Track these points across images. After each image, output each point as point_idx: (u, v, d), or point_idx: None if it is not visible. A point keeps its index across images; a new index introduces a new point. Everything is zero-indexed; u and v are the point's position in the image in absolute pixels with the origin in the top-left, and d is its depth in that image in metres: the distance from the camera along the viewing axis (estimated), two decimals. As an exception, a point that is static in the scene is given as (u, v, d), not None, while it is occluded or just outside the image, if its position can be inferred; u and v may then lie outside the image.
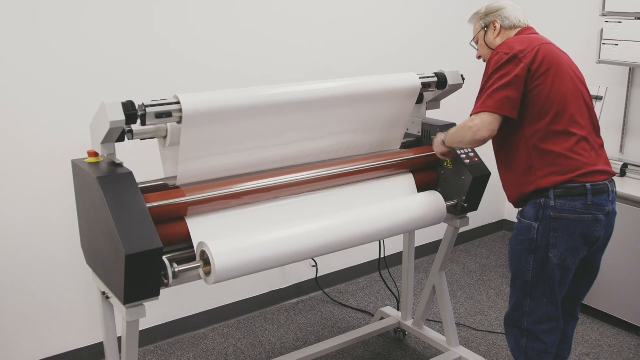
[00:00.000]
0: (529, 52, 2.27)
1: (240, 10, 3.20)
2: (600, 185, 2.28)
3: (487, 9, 2.54)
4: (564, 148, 2.26)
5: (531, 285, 2.37)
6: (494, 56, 2.32)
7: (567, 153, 2.26)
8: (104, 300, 2.19)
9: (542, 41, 2.35)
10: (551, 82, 2.28)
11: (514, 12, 2.50)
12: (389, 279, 3.94)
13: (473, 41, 2.60)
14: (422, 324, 3.20)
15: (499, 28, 2.49)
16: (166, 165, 2.24)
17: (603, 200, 2.29)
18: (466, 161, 2.60)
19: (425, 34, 4.01)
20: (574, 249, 2.31)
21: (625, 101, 3.84)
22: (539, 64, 2.27)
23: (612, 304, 3.48)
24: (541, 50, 2.29)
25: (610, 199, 2.33)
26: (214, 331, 3.46)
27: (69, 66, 2.77)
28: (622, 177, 3.61)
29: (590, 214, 2.27)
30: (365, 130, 2.53)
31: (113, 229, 1.79)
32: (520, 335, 2.45)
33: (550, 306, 2.39)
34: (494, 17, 2.51)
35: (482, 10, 2.55)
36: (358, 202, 2.47)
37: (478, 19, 2.56)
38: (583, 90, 2.37)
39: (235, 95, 2.08)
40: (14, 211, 2.78)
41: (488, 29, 2.52)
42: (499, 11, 2.51)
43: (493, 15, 2.51)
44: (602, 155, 2.37)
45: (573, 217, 2.27)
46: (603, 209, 2.29)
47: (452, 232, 2.83)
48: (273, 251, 2.09)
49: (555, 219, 2.28)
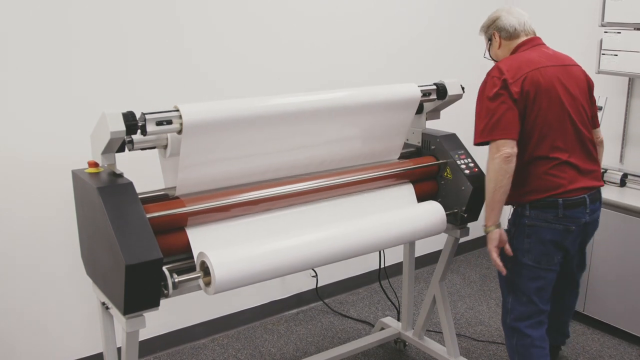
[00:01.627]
0: (517, 79, 2.37)
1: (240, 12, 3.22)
2: (576, 199, 2.46)
3: (487, 20, 2.62)
4: (543, 171, 2.44)
5: (511, 285, 2.60)
6: (484, 82, 2.44)
7: (544, 176, 2.44)
8: (103, 310, 2.18)
9: (533, 66, 2.41)
10: (536, 109, 2.40)
11: (508, 20, 2.54)
12: (389, 289, 3.94)
13: (486, 54, 2.70)
14: (423, 335, 3.19)
15: (498, 40, 2.57)
16: (166, 176, 2.24)
17: (577, 213, 2.47)
18: (466, 171, 2.60)
19: (426, 33, 4.02)
20: (547, 254, 2.51)
21: (624, 111, 3.84)
22: (525, 92, 2.37)
23: (612, 314, 3.48)
24: (528, 78, 2.38)
25: (587, 211, 2.50)
26: (214, 342, 3.45)
27: (68, 76, 2.78)
28: (621, 187, 3.60)
29: (561, 224, 2.47)
30: (365, 140, 2.53)
31: (113, 240, 1.79)
32: (510, 334, 2.64)
33: (530, 305, 2.57)
34: (492, 29, 2.59)
35: (484, 22, 2.62)
36: (358, 213, 2.47)
37: (483, 32, 2.65)
38: (576, 112, 2.47)
39: (235, 106, 2.08)
40: (14, 221, 2.78)
41: (492, 41, 2.62)
42: (494, 22, 2.58)
43: (491, 28, 2.59)
44: (587, 171, 2.50)
45: (544, 226, 2.47)
46: (577, 220, 2.48)
47: (453, 242, 2.83)
48: (273, 261, 2.08)
49: (529, 226, 2.50)
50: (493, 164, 2.36)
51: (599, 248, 3.46)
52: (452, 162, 2.64)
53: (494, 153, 2.36)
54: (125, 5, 2.86)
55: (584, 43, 3.99)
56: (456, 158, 2.64)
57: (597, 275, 3.50)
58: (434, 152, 2.72)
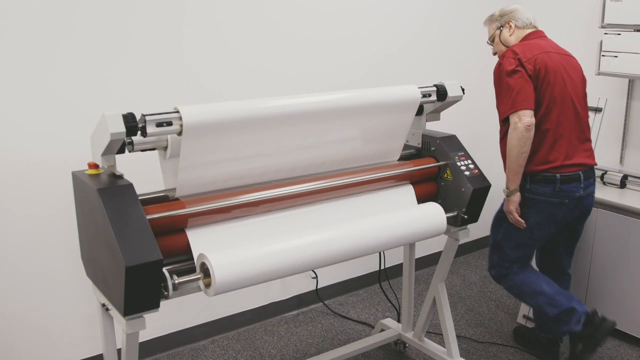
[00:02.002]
0: (529, 58, 2.73)
1: (240, 13, 3.22)
2: (571, 175, 2.81)
3: (501, 11, 2.97)
4: (546, 144, 2.77)
5: (498, 245, 3.02)
6: (501, 64, 2.76)
7: (547, 149, 2.78)
8: (103, 312, 2.18)
9: (542, 49, 2.80)
10: (545, 87, 2.74)
11: (525, 13, 2.95)
12: (389, 291, 3.94)
13: (489, 40, 3.02)
14: (423, 336, 3.19)
15: (513, 27, 2.93)
16: (166, 177, 2.24)
17: (572, 187, 2.82)
18: (466, 173, 2.60)
19: (426, 35, 4.02)
20: (541, 224, 2.88)
21: (624, 113, 3.84)
22: (537, 70, 2.73)
23: (613, 315, 3.46)
24: (538, 59, 2.75)
25: (582, 186, 2.84)
26: (214, 343, 3.45)
27: (68, 77, 2.78)
28: (621, 189, 3.61)
29: (557, 198, 2.82)
30: (365, 142, 2.53)
31: (113, 241, 1.79)
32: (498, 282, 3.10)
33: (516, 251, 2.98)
34: (508, 17, 2.94)
35: (496, 13, 2.97)
36: (358, 214, 2.47)
37: (494, 20, 2.98)
38: (576, 94, 2.83)
39: (235, 107, 2.08)
40: (14, 222, 2.78)
41: (503, 28, 2.95)
42: (512, 13, 2.94)
43: (507, 17, 2.94)
44: (582, 149, 2.86)
45: (542, 199, 2.83)
46: (572, 194, 2.82)
47: (453, 244, 2.83)
48: (273, 263, 2.08)
49: (527, 198, 2.85)
50: (517, 132, 2.67)
51: (599, 249, 3.46)
52: (452, 163, 2.64)
53: (517, 122, 2.67)
54: (127, 5, 2.86)
55: (584, 44, 3.99)
56: (456, 159, 2.64)
57: (597, 276, 3.50)
58: (434, 154, 2.72)
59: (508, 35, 2.93)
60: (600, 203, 3.43)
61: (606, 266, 3.46)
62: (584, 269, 3.56)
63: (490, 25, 3.00)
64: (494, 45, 3.00)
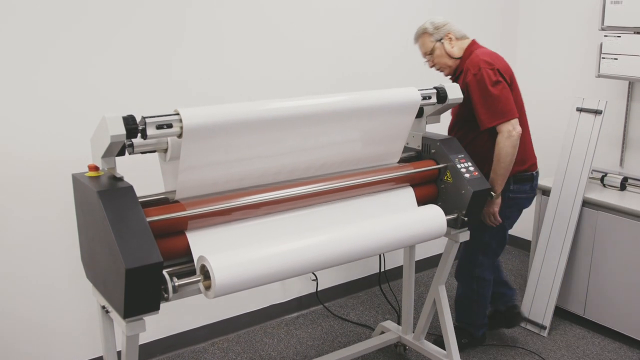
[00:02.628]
0: (502, 68, 2.84)
1: (242, 16, 3.22)
2: (537, 172, 3.11)
3: (434, 24, 2.96)
4: (521, 146, 2.88)
5: (486, 245, 3.13)
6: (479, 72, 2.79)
7: (522, 149, 2.92)
8: (103, 314, 2.18)
9: (502, 58, 2.92)
10: (515, 95, 2.90)
11: (455, 24, 2.98)
12: (389, 293, 3.94)
13: (427, 53, 3.00)
14: (423, 338, 3.19)
15: (454, 39, 2.95)
16: (166, 179, 2.24)
17: (536, 183, 3.12)
18: (466, 175, 2.60)
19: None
20: (515, 218, 3.17)
21: (624, 115, 3.84)
22: (510, 79, 2.87)
23: (613, 317, 3.48)
24: (507, 68, 2.90)
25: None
26: (214, 345, 3.45)
27: (68, 79, 2.79)
28: (621, 191, 3.61)
29: (532, 193, 3.12)
30: (365, 144, 2.53)
31: (113, 243, 1.79)
32: (473, 281, 3.25)
33: (493, 257, 3.24)
34: (445, 30, 2.95)
35: (429, 27, 2.96)
36: (358, 216, 2.47)
37: (429, 33, 2.97)
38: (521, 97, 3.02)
39: (235, 110, 2.08)
40: (14, 225, 2.78)
41: (444, 41, 2.95)
42: (447, 25, 2.96)
43: (444, 29, 2.95)
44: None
45: (523, 197, 3.08)
46: (535, 189, 3.14)
47: (453, 246, 2.83)
48: (273, 265, 2.08)
49: (511, 198, 3.02)
50: (511, 140, 2.78)
51: (600, 251, 3.47)
52: (452, 165, 2.64)
53: (511, 131, 2.78)
54: (128, 8, 2.87)
55: (584, 47, 4.00)
56: (456, 162, 2.64)
57: (598, 278, 3.50)
58: (434, 156, 2.72)
59: (450, 48, 2.95)
60: (601, 205, 3.43)
61: (606, 268, 3.46)
62: (584, 271, 3.56)
63: (426, 39, 2.98)
64: (434, 58, 2.99)
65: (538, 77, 4.41)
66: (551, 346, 3.45)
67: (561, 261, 3.54)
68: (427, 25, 2.97)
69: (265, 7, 3.29)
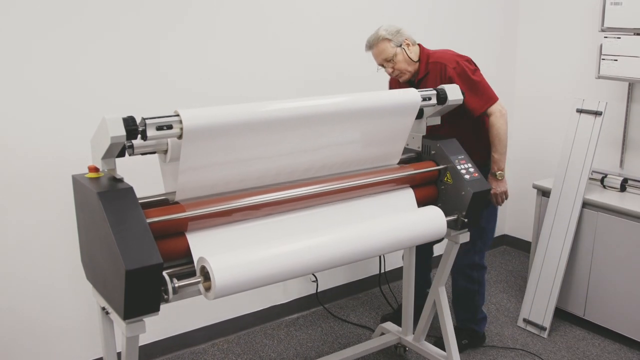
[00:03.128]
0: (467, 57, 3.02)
1: (238, 18, 3.22)
2: None
3: (389, 31, 2.97)
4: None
5: (482, 230, 3.21)
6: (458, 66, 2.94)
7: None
8: (103, 315, 2.18)
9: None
10: None
11: (408, 30, 3.02)
12: (389, 294, 3.93)
13: (387, 59, 3.00)
14: (423, 339, 3.19)
15: (410, 44, 3.00)
16: (166, 181, 2.24)
17: None
18: (466, 176, 2.60)
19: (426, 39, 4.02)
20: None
21: (624, 116, 3.85)
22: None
23: (613, 319, 3.47)
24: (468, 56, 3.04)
25: None
26: (214, 346, 3.45)
27: (69, 80, 2.79)
28: (622, 192, 3.61)
29: None
30: (365, 145, 2.53)
31: (113, 244, 1.79)
32: (478, 269, 3.33)
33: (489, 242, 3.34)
34: (403, 36, 2.99)
35: (383, 34, 2.96)
36: (359, 217, 2.47)
37: (388, 40, 2.97)
38: None
39: (235, 111, 2.08)
40: (14, 226, 2.79)
41: (404, 47, 2.98)
42: (400, 31, 2.99)
43: (401, 35, 2.98)
44: None
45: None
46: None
47: (453, 247, 2.83)
48: (273, 266, 2.08)
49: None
50: (504, 118, 2.97)
51: (600, 252, 3.47)
52: (452, 167, 2.64)
53: (501, 110, 2.97)
54: (126, 9, 2.87)
55: (584, 48, 4.00)
56: (456, 163, 2.64)
57: (598, 280, 3.50)
58: (434, 157, 2.72)
59: (409, 53, 3.00)
60: (601, 206, 3.43)
61: (606, 269, 3.46)
62: (584, 272, 3.56)
63: (386, 45, 2.98)
64: (396, 64, 3.00)
65: (538, 78, 4.41)
66: (551, 347, 3.44)
67: (561, 262, 3.54)
68: (382, 32, 2.98)
69: (265, 8, 3.29)
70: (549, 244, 3.60)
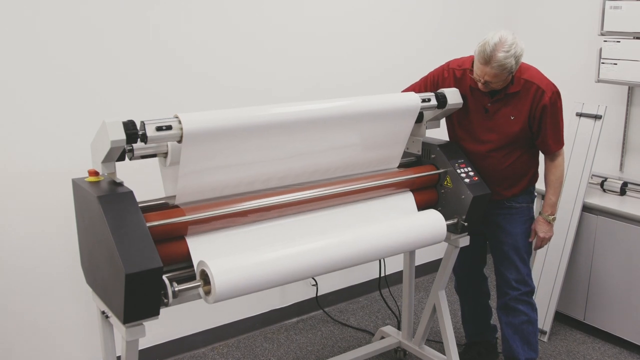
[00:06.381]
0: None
1: (240, 22, 3.22)
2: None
3: (517, 63, 2.57)
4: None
5: (527, 250, 2.95)
6: (554, 95, 2.71)
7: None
8: (103, 319, 2.18)
9: None
10: None
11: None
12: (389, 298, 3.93)
13: (501, 83, 2.63)
14: (423, 344, 3.19)
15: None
16: (166, 184, 2.24)
17: None
18: (466, 180, 2.61)
19: (426, 42, 4.03)
20: None
21: (624, 120, 3.85)
22: None
23: (613, 322, 3.47)
24: None
25: None
26: (214, 350, 3.45)
27: (69, 83, 2.79)
28: (621, 196, 3.61)
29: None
30: (365, 149, 2.53)
31: (113, 248, 1.79)
32: (532, 294, 2.99)
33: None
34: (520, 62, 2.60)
35: (512, 68, 2.55)
36: (358, 221, 2.47)
37: (513, 69, 2.57)
38: None
39: (235, 115, 2.08)
40: (14, 230, 2.78)
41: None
42: (522, 53, 2.56)
43: (521, 57, 2.57)
44: None
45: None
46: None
47: (453, 251, 2.83)
48: (273, 270, 2.08)
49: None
50: (563, 166, 2.86)
51: (600, 256, 3.46)
52: (452, 170, 2.64)
53: (564, 155, 2.84)
54: (125, 10, 2.87)
55: (584, 52, 4.00)
56: (456, 167, 2.64)
57: (598, 283, 3.50)
58: (433, 161, 2.73)
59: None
60: (600, 210, 3.43)
61: (606, 273, 3.45)
62: (584, 276, 3.55)
63: (506, 73, 2.59)
64: (496, 83, 2.63)
65: (538, 82, 4.41)
66: (551, 351, 3.44)
67: (561, 266, 3.54)
68: (513, 65, 2.54)
69: (265, 8, 3.30)
70: (549, 248, 3.59)
